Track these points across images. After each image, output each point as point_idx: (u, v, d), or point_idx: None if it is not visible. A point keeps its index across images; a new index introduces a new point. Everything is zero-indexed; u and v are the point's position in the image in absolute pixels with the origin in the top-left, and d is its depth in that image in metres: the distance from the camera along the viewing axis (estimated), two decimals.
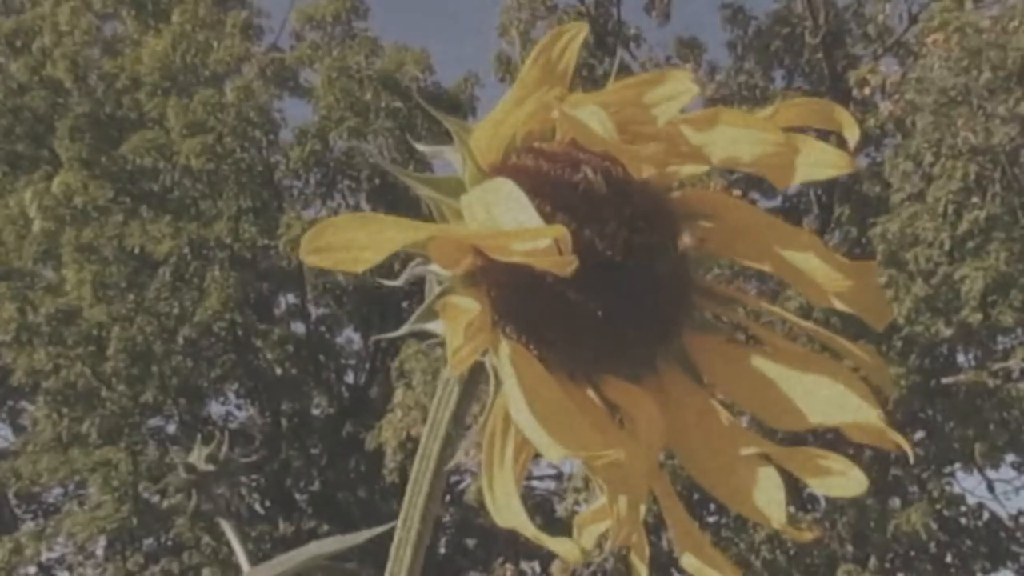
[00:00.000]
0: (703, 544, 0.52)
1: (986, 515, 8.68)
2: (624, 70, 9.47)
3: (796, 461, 0.52)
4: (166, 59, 10.10)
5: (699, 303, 0.57)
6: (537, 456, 0.49)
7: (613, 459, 0.46)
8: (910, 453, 0.50)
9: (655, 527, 0.53)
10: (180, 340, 9.71)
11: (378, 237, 0.48)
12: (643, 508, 0.49)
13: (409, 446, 7.46)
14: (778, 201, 9.29)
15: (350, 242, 0.47)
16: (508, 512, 0.48)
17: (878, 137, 8.95)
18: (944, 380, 8.08)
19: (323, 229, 0.47)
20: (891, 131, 8.42)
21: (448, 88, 10.75)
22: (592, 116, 0.48)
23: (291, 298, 11.00)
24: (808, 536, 0.54)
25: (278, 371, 10.26)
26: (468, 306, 0.48)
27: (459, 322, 0.48)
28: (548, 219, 0.49)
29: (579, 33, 0.50)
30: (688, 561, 0.52)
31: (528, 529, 0.47)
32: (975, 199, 7.52)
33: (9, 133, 10.95)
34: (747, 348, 0.56)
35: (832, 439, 0.54)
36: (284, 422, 10.79)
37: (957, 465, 8.71)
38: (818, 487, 0.52)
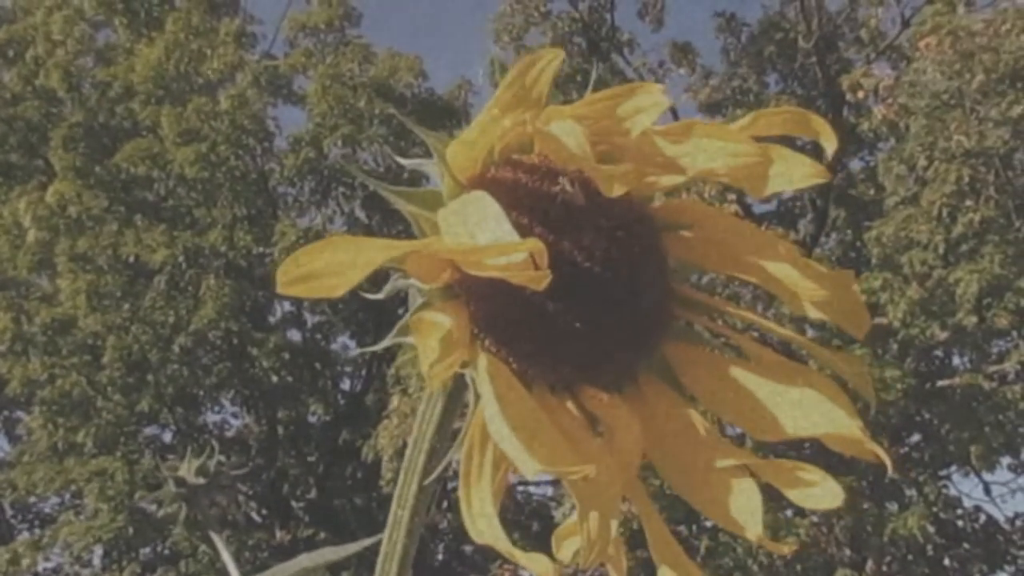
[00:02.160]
0: (680, 557, 0.52)
1: (983, 518, 8.69)
2: (618, 75, 9.50)
3: (773, 472, 0.52)
4: (159, 67, 10.10)
5: (680, 313, 0.57)
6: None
7: (585, 474, 0.46)
8: (889, 466, 0.50)
9: None
10: (176, 349, 9.70)
11: (354, 259, 0.47)
12: (615, 524, 0.48)
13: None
14: (774, 205, 9.33)
15: (326, 268, 0.47)
16: (484, 526, 0.47)
17: (872, 141, 8.97)
18: (940, 383, 8.08)
19: (297, 258, 0.46)
20: (884, 135, 8.44)
21: (442, 94, 10.77)
22: (567, 132, 0.48)
23: (287, 306, 11.00)
24: (786, 549, 0.54)
25: (274, 379, 10.25)
26: (440, 321, 0.48)
27: (432, 338, 0.47)
28: (526, 231, 0.49)
29: (554, 60, 0.50)
30: (665, 574, 0.51)
31: (503, 545, 0.46)
32: (969, 202, 7.53)
33: (3, 143, 10.94)
34: (728, 358, 0.56)
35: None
36: (280, 430, 10.78)
37: (953, 468, 8.72)
38: (795, 499, 0.52)
